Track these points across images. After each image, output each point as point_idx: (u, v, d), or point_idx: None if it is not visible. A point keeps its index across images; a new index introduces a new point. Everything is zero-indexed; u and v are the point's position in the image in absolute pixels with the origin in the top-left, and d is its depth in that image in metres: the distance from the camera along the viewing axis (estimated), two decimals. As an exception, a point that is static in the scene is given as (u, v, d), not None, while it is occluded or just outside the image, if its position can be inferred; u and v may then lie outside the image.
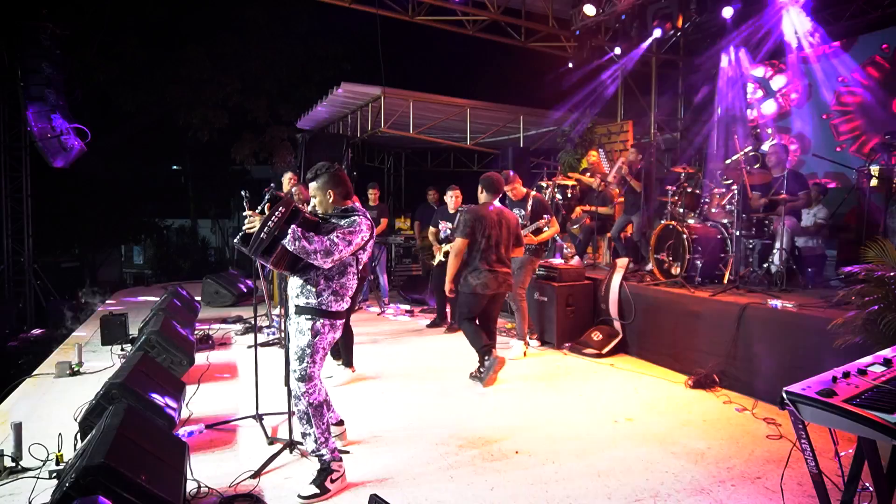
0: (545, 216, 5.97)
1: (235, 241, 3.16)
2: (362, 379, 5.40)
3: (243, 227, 3.12)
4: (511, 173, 6.30)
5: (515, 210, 6.14)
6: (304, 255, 3.08)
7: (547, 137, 12.62)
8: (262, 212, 3.10)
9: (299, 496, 3.21)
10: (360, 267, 3.38)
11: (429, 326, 7.71)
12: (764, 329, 4.83)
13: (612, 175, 7.92)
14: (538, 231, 6.04)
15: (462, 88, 12.12)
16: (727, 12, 8.56)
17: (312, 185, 3.33)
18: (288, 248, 3.02)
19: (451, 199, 7.49)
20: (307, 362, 3.28)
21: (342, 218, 3.27)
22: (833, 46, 9.03)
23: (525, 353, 6.13)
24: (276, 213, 3.02)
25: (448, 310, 7.66)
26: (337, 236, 3.12)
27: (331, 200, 3.32)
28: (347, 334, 5.31)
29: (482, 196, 5.41)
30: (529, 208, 6.10)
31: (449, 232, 7.48)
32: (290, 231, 2.99)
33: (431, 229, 7.77)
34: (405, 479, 3.45)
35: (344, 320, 3.40)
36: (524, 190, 6.33)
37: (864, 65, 8.79)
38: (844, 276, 4.21)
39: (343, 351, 5.36)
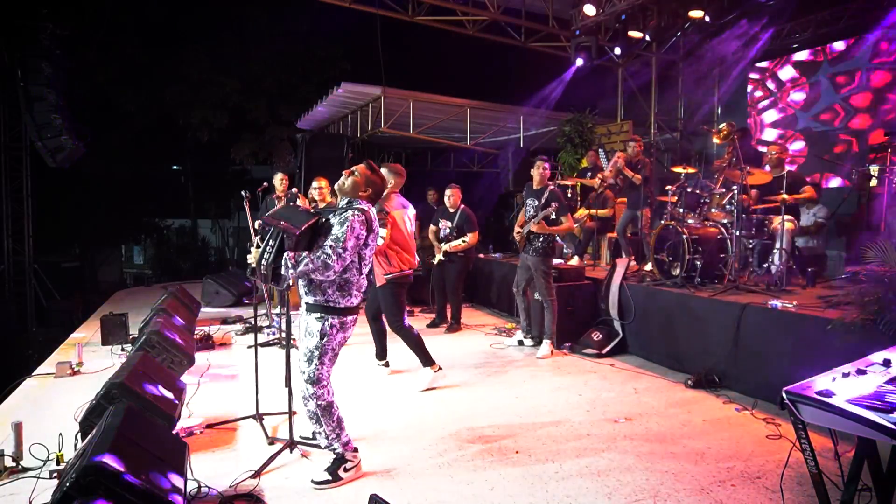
0: (553, 203, 5.90)
1: (248, 273, 3.41)
2: (362, 378, 5.40)
3: (248, 262, 3.41)
4: (543, 158, 6.21)
5: (530, 199, 6.12)
6: (304, 277, 3.25)
7: (547, 137, 12.61)
8: (257, 246, 3.31)
9: (312, 481, 3.32)
10: (364, 262, 3.37)
11: (429, 326, 7.69)
12: (764, 329, 4.83)
13: (609, 169, 7.90)
14: (551, 221, 5.95)
15: (462, 88, 12.09)
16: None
17: (364, 169, 3.37)
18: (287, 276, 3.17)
19: (450, 197, 7.48)
20: (316, 364, 3.30)
21: (341, 212, 3.27)
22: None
23: (552, 353, 6.17)
24: (268, 248, 3.22)
25: (448, 310, 7.66)
26: (329, 247, 3.15)
27: (359, 193, 3.36)
28: (412, 335, 5.22)
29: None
30: (544, 199, 6.01)
31: (448, 231, 7.49)
32: (282, 262, 3.14)
33: (432, 227, 7.77)
34: (405, 478, 3.45)
35: (355, 317, 3.41)
36: (547, 181, 6.18)
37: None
38: (852, 274, 4.23)
39: (417, 352, 5.24)
